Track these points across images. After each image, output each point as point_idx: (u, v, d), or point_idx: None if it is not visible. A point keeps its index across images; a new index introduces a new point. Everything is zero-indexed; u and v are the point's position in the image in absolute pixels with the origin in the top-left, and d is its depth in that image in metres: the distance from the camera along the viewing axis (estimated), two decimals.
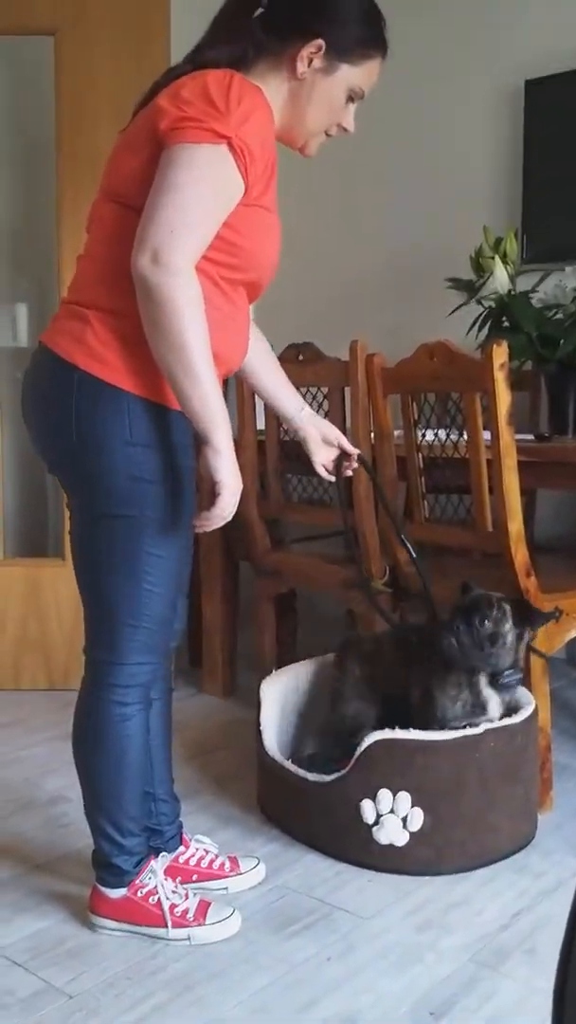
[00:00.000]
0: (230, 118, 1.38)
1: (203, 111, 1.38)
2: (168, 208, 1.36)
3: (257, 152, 1.43)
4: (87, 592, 1.58)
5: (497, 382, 1.97)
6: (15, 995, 1.52)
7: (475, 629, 1.81)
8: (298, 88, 1.52)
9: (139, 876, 1.67)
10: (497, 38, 3.31)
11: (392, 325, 3.51)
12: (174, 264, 1.35)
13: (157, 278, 1.35)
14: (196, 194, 1.37)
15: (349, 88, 1.56)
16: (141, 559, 1.51)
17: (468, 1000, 1.50)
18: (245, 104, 1.40)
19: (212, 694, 2.96)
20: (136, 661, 1.58)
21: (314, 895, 1.81)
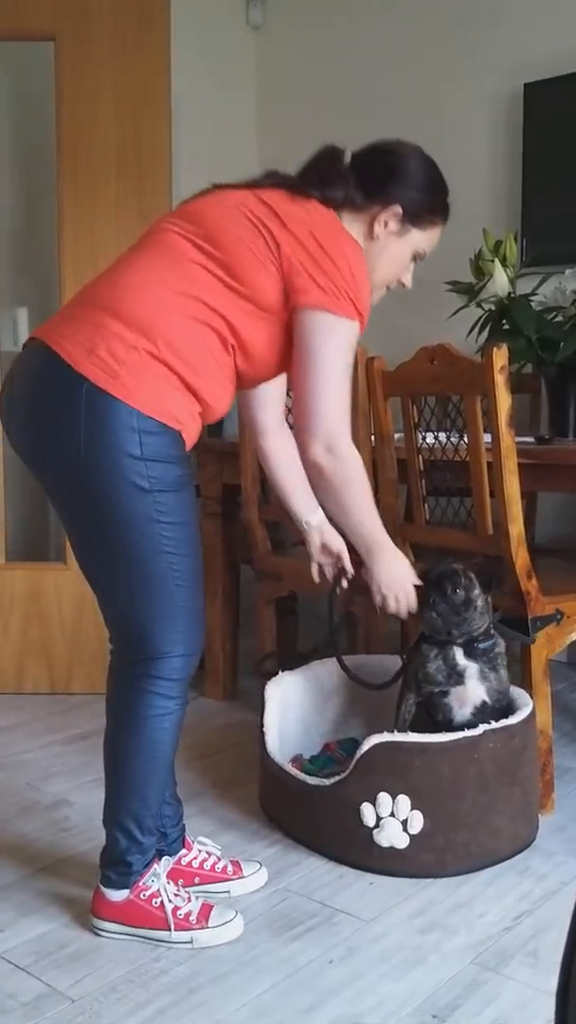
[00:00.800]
0: (363, 293, 1.57)
1: (351, 284, 1.54)
2: (331, 401, 1.57)
3: (364, 324, 1.62)
4: (116, 599, 1.60)
5: (497, 385, 1.97)
6: (17, 999, 1.52)
7: (449, 597, 1.92)
8: (371, 247, 1.67)
9: (142, 878, 1.67)
10: (496, 42, 3.31)
11: (392, 328, 3.51)
12: (346, 451, 1.60)
13: (335, 467, 1.61)
14: (346, 379, 1.59)
15: (415, 250, 1.73)
16: (165, 561, 1.55)
17: (471, 1003, 1.50)
18: (364, 274, 1.59)
19: (213, 697, 2.96)
20: (178, 653, 1.61)
21: (316, 898, 1.81)
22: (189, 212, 1.59)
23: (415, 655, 2.02)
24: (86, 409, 1.47)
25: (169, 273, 1.52)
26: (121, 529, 1.52)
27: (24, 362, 1.57)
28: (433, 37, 3.47)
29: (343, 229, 1.58)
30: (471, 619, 1.93)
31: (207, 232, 1.54)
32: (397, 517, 2.37)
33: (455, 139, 3.44)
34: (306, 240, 1.53)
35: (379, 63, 3.63)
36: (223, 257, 1.53)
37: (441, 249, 3.43)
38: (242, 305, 1.54)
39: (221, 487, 2.86)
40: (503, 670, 1.99)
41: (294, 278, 1.53)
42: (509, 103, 3.29)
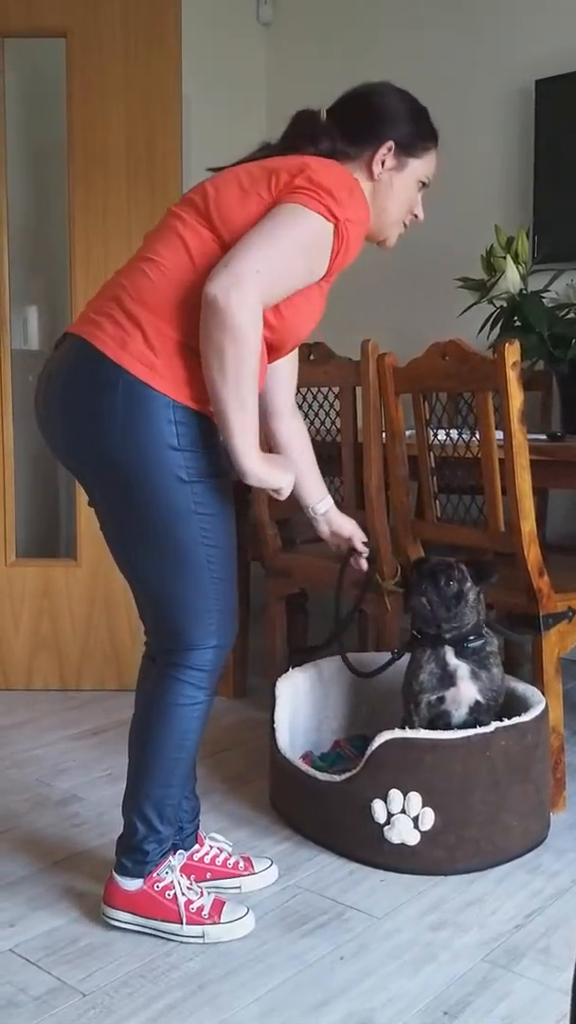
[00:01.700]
0: (347, 208, 1.51)
1: (328, 189, 1.49)
2: (262, 251, 1.44)
3: (352, 249, 1.56)
4: (152, 590, 1.61)
5: (509, 381, 1.97)
6: (28, 993, 1.52)
7: (441, 589, 1.92)
8: (377, 188, 1.68)
9: (157, 869, 1.67)
10: (508, 38, 3.30)
11: (403, 325, 3.51)
12: (249, 298, 1.42)
13: (232, 302, 1.40)
14: (291, 253, 1.47)
15: (418, 179, 1.73)
16: (201, 552, 1.56)
17: (482, 999, 1.50)
18: (363, 209, 1.56)
19: (223, 694, 2.96)
20: (211, 644, 1.62)
21: (327, 895, 1.81)
22: (192, 195, 1.59)
23: (409, 664, 2.03)
24: (123, 400, 1.48)
25: (185, 257, 1.52)
26: (160, 520, 1.53)
27: (60, 357, 1.57)
28: (444, 33, 3.46)
29: (334, 164, 1.56)
30: (462, 614, 1.94)
31: (209, 205, 1.54)
32: (408, 514, 2.36)
33: (467, 136, 3.43)
34: (294, 170, 1.51)
35: (390, 60, 3.62)
36: (222, 225, 1.51)
37: (452, 246, 3.44)
38: None
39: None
40: (496, 668, 1.99)
41: (277, 200, 1.50)
42: (521, 99, 3.28)
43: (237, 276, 1.41)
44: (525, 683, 2.10)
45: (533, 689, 2.06)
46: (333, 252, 1.53)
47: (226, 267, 1.43)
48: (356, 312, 3.77)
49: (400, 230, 1.77)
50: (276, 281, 1.47)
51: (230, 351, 1.42)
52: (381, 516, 2.38)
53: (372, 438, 2.34)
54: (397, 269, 3.65)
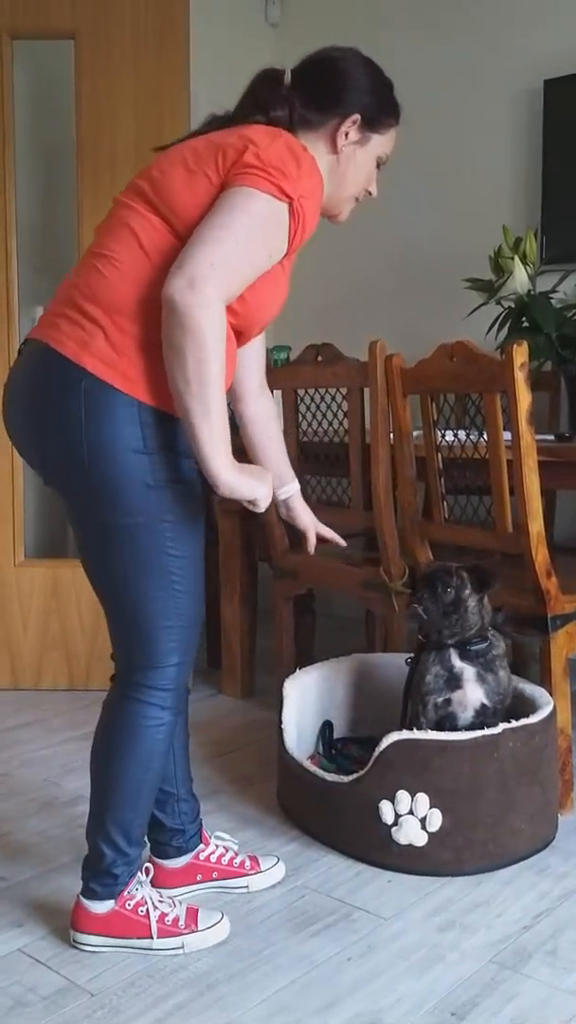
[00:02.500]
0: (299, 184, 1.44)
1: (277, 166, 1.42)
2: (216, 244, 1.37)
3: (308, 224, 1.49)
4: (113, 601, 1.55)
5: (517, 382, 1.96)
6: (37, 993, 1.53)
7: (439, 596, 1.93)
8: (336, 161, 1.61)
9: (127, 887, 1.63)
10: (516, 38, 3.30)
11: (411, 326, 3.51)
12: (208, 294, 1.35)
13: (189, 304, 1.34)
14: (247, 240, 1.40)
15: (378, 156, 1.68)
16: (165, 561, 1.51)
17: (490, 1001, 1.50)
18: (315, 178, 1.49)
19: (230, 695, 2.97)
20: (174, 662, 1.57)
21: (334, 895, 1.81)
22: (138, 180, 1.53)
23: (416, 666, 2.04)
24: (86, 402, 1.43)
25: (138, 251, 1.46)
26: (124, 527, 1.48)
27: (22, 363, 1.52)
28: (452, 33, 3.45)
29: (283, 134, 1.49)
30: (463, 620, 1.93)
31: (154, 190, 1.48)
32: (416, 515, 2.36)
33: (475, 136, 3.43)
34: (240, 146, 1.44)
35: (398, 60, 3.61)
36: (175, 218, 1.46)
37: (460, 246, 3.44)
38: None
39: None
40: (502, 671, 1.99)
41: (224, 184, 1.44)
42: (529, 100, 3.27)
43: (192, 276, 1.34)
44: (533, 684, 2.10)
45: (541, 690, 2.06)
46: (290, 232, 1.46)
47: (180, 268, 1.36)
48: (364, 313, 3.78)
49: (353, 205, 1.70)
50: (235, 273, 1.39)
51: (191, 354, 1.35)
52: (389, 517, 2.38)
53: (380, 439, 2.34)
54: (405, 270, 3.65)
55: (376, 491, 2.37)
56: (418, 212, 3.60)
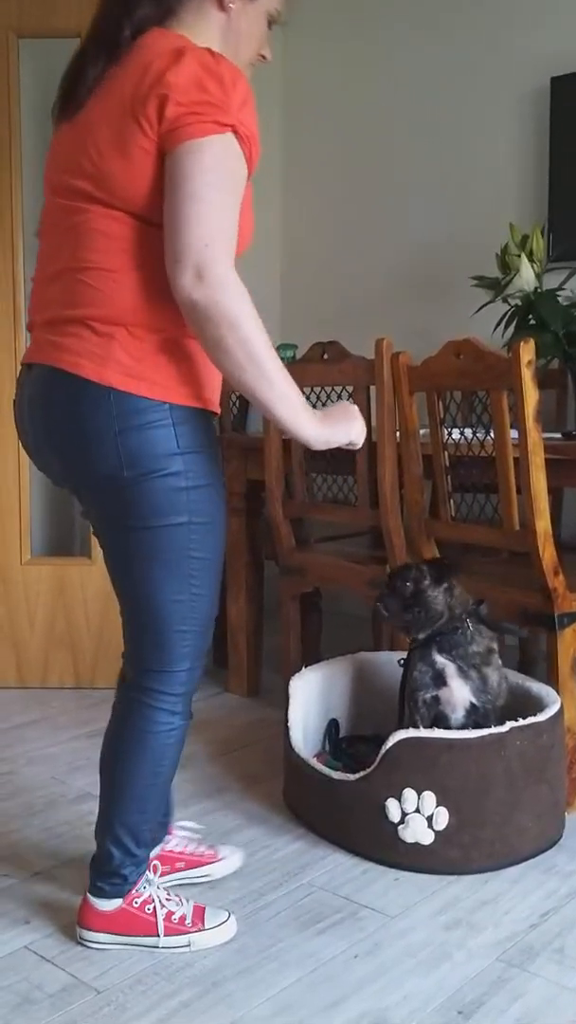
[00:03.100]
0: (231, 105, 1.35)
1: (202, 100, 1.33)
2: (194, 221, 1.32)
3: (254, 131, 1.41)
4: (133, 604, 1.54)
5: (524, 380, 1.96)
6: (44, 990, 1.53)
7: (397, 591, 1.97)
8: (227, 24, 1.51)
9: (135, 886, 1.64)
10: (523, 35, 3.29)
11: (417, 323, 3.51)
12: (219, 276, 1.31)
13: (207, 296, 1.31)
14: (217, 198, 1.34)
15: (268, 13, 1.56)
16: (186, 564, 1.50)
17: (497, 999, 1.50)
18: (240, 85, 1.37)
19: (237, 693, 2.97)
20: (186, 667, 1.57)
21: (340, 893, 1.81)
22: (72, 181, 1.44)
23: (405, 667, 2.06)
24: (117, 417, 1.41)
25: (120, 254, 1.41)
26: (154, 529, 1.46)
27: (38, 390, 1.48)
28: (460, 31, 3.45)
29: (174, 45, 1.37)
30: (427, 611, 1.96)
31: (101, 186, 1.41)
32: (423, 513, 2.36)
33: (482, 133, 3.42)
34: (151, 95, 1.34)
35: (405, 59, 3.61)
36: (132, 204, 1.40)
37: (467, 244, 3.43)
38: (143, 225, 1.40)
39: (245, 483, 2.87)
40: (488, 669, 1.98)
41: (162, 148, 1.35)
42: (536, 97, 3.27)
43: (195, 266, 1.31)
44: (540, 683, 2.10)
45: (548, 688, 2.06)
46: (246, 155, 1.40)
47: (178, 262, 1.31)
48: (370, 311, 3.77)
49: (249, 73, 1.58)
50: (227, 234, 1.34)
51: (232, 341, 1.33)
52: (395, 515, 2.38)
53: (386, 437, 2.34)
54: (411, 268, 3.65)
55: (382, 489, 2.37)
56: (425, 210, 3.59)
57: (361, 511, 2.46)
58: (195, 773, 2.37)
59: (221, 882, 1.85)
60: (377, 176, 3.74)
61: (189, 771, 2.38)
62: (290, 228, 4.06)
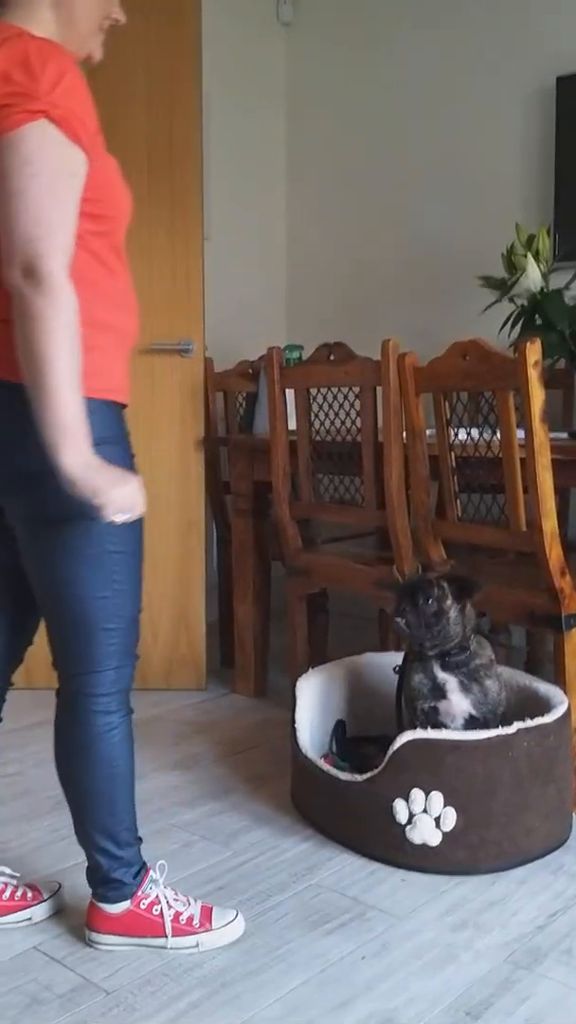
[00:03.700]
0: (39, 90, 1.28)
1: (9, 92, 1.28)
2: (20, 218, 1.28)
3: (79, 110, 1.33)
4: (53, 607, 1.53)
5: (531, 380, 1.96)
6: (53, 991, 1.54)
7: (420, 608, 1.92)
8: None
9: (140, 887, 1.63)
10: (529, 35, 3.29)
11: (423, 324, 3.50)
12: (46, 277, 1.28)
13: (30, 294, 1.28)
14: (41, 191, 1.29)
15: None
16: (106, 560, 1.48)
17: (504, 1000, 1.50)
18: (50, 66, 1.30)
19: (244, 694, 2.97)
20: (114, 666, 1.55)
21: (348, 894, 1.81)
22: None
23: (404, 672, 2.05)
24: (19, 413, 1.35)
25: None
26: (68, 530, 1.44)
27: None
28: (465, 31, 3.44)
29: (6, 38, 1.33)
30: (445, 631, 1.92)
31: None
32: (429, 513, 2.36)
33: (487, 133, 3.42)
34: None
35: (409, 58, 3.61)
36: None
37: (473, 244, 3.43)
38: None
39: (251, 484, 2.87)
40: (490, 681, 1.98)
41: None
42: (541, 97, 3.26)
43: (23, 263, 1.28)
44: (547, 683, 2.10)
45: (556, 689, 2.05)
46: (73, 137, 1.32)
47: (9, 260, 1.29)
48: (376, 311, 3.77)
49: (100, 38, 1.53)
50: (57, 229, 1.30)
51: (42, 342, 1.29)
52: (402, 516, 2.38)
53: (393, 438, 2.34)
54: (417, 268, 3.65)
55: (389, 490, 2.37)
56: (430, 210, 3.59)
57: (368, 512, 2.47)
58: (202, 774, 2.37)
59: (229, 883, 1.85)
60: (382, 176, 3.74)
61: (196, 772, 2.38)
62: (295, 229, 4.06)
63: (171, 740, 2.62)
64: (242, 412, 3.42)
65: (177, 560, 2.99)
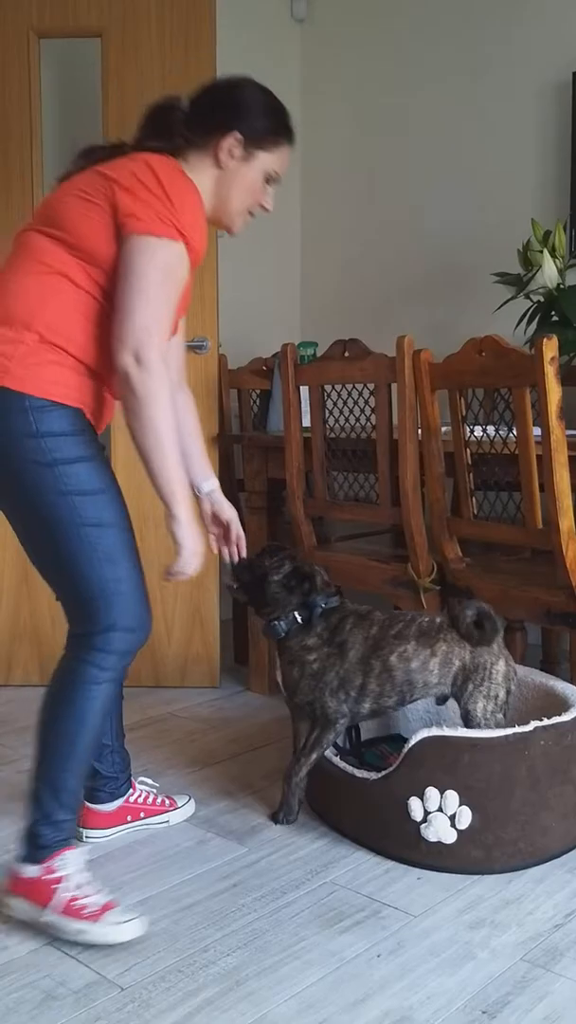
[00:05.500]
0: (184, 214, 1.62)
1: (160, 204, 1.59)
2: (142, 311, 1.58)
3: (199, 249, 1.68)
4: (54, 579, 1.70)
5: (547, 376, 1.95)
6: (68, 987, 1.54)
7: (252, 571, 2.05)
8: (222, 176, 1.76)
9: (52, 858, 1.67)
10: (544, 30, 3.27)
11: (439, 320, 3.50)
12: (152, 363, 1.58)
13: (140, 378, 1.58)
14: (163, 294, 1.61)
15: (265, 172, 1.79)
16: (82, 532, 1.63)
17: (521, 999, 1.49)
18: (190, 200, 1.64)
19: (258, 691, 2.97)
20: (116, 628, 1.67)
21: (363, 892, 1.81)
22: (37, 209, 1.72)
23: None
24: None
25: (33, 264, 1.64)
26: (35, 507, 1.62)
27: None
28: (480, 27, 3.43)
29: (168, 168, 1.64)
30: (261, 599, 2.04)
31: (46, 216, 1.67)
32: (444, 511, 2.35)
33: (503, 129, 3.40)
34: (126, 182, 1.61)
35: (425, 56, 3.60)
36: (62, 232, 1.63)
37: (489, 240, 3.42)
38: (94, 273, 1.64)
39: (266, 482, 2.87)
40: (291, 667, 2.03)
41: (119, 219, 1.60)
42: (557, 92, 3.25)
43: (135, 349, 1.57)
44: (565, 682, 2.08)
45: (573, 688, 2.04)
46: (190, 264, 1.67)
47: (122, 341, 1.58)
48: (392, 308, 3.76)
49: (246, 219, 1.83)
50: (163, 322, 1.61)
51: (150, 415, 1.59)
52: (417, 513, 2.37)
53: (408, 435, 2.33)
54: (433, 265, 3.64)
55: (404, 487, 2.36)
56: (446, 207, 3.58)
57: (382, 509, 2.46)
58: (217, 770, 2.37)
59: (244, 880, 1.85)
60: (397, 172, 3.73)
61: (211, 768, 2.38)
62: (310, 226, 4.06)
63: (185, 737, 2.62)
64: (256, 409, 3.42)
65: None
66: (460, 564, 2.36)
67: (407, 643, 1.95)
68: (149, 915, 1.73)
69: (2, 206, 2.94)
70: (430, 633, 1.96)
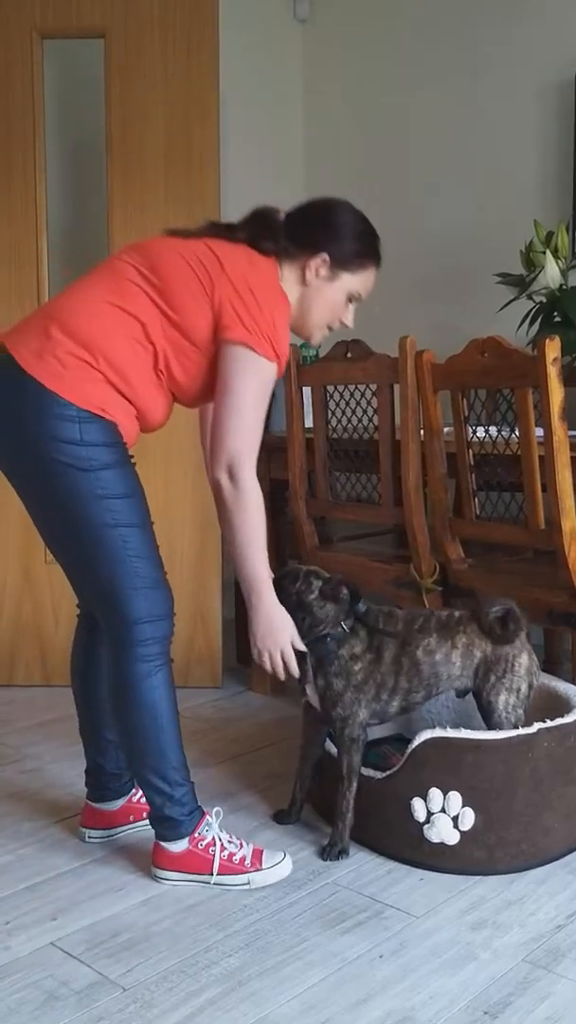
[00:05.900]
0: (281, 333, 1.72)
1: (265, 322, 1.70)
2: (237, 435, 1.72)
3: (285, 361, 1.77)
4: (87, 578, 1.77)
5: (550, 377, 1.95)
6: (70, 987, 1.54)
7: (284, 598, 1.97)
8: (307, 292, 1.85)
9: (196, 829, 1.82)
10: (546, 30, 3.27)
11: (441, 321, 3.50)
12: (244, 481, 1.72)
13: (234, 495, 1.73)
14: (257, 414, 1.73)
15: (348, 293, 1.88)
16: (114, 533, 1.70)
17: (523, 1000, 1.49)
18: (284, 319, 1.76)
19: (260, 692, 2.97)
20: (147, 619, 1.74)
21: (365, 893, 1.81)
22: (139, 246, 1.78)
23: None
24: (33, 404, 1.65)
25: (112, 294, 1.71)
26: (71, 510, 1.69)
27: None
28: (481, 27, 3.43)
29: (274, 281, 1.76)
30: (307, 622, 1.92)
31: (151, 262, 1.73)
32: (447, 512, 2.35)
33: (505, 130, 3.40)
34: (239, 284, 1.71)
35: (426, 55, 3.60)
36: (160, 284, 1.71)
37: (491, 241, 3.42)
38: (171, 334, 1.72)
39: (268, 482, 2.87)
40: (334, 678, 1.93)
41: (223, 315, 1.70)
42: (559, 93, 3.24)
43: (229, 465, 1.71)
44: (567, 683, 2.08)
45: (575, 689, 2.04)
46: (279, 376, 1.77)
47: (218, 456, 1.72)
48: (394, 309, 3.76)
49: (325, 332, 1.91)
50: (255, 443, 1.74)
51: (244, 524, 1.75)
52: (419, 514, 2.37)
53: (410, 435, 2.33)
54: (435, 266, 3.64)
55: (406, 488, 2.36)
56: (448, 207, 3.58)
57: (385, 510, 2.46)
58: (219, 771, 2.37)
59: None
60: (399, 173, 3.72)
61: (213, 769, 2.38)
62: None
63: (187, 737, 2.61)
64: None
65: (194, 557, 3.00)
66: (462, 564, 2.36)
67: (429, 636, 1.94)
68: (151, 916, 1.74)
69: (4, 206, 2.94)
70: (449, 625, 1.96)
